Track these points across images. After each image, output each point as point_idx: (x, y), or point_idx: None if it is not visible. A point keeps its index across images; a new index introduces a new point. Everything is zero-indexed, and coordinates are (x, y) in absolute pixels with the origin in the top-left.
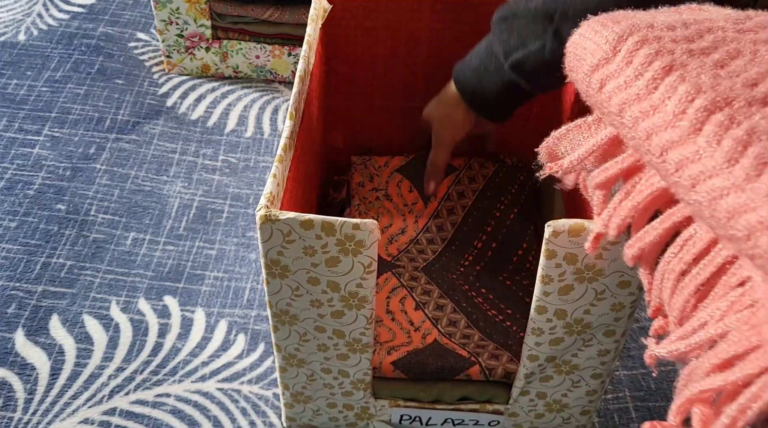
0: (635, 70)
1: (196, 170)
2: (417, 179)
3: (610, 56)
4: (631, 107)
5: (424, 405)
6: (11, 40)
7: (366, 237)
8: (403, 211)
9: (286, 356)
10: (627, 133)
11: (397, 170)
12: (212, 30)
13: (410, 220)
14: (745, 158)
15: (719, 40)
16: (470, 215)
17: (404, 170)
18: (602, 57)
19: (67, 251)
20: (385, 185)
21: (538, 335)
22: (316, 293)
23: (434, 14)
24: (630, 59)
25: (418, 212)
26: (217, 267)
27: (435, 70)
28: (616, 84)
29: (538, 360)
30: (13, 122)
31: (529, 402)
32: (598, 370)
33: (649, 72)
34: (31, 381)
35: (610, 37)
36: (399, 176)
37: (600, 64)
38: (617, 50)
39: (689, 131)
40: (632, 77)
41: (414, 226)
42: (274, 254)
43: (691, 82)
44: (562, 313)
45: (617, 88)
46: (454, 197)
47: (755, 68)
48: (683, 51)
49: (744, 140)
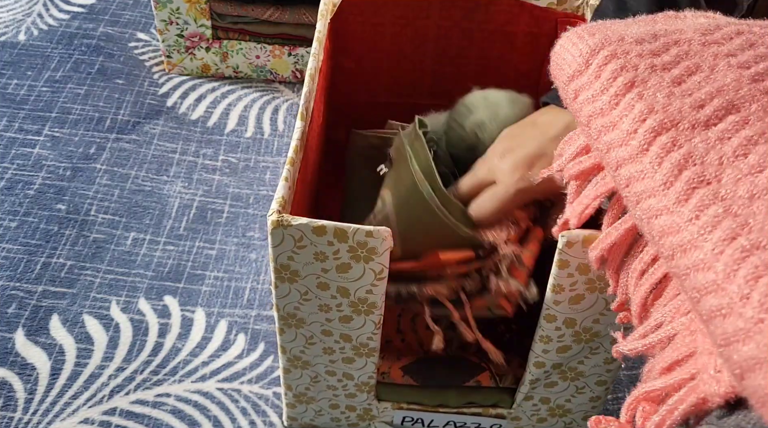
0: (602, 85)
1: (196, 170)
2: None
3: (583, 69)
4: (596, 120)
5: (426, 408)
6: (11, 40)
7: (379, 245)
8: None
9: (291, 358)
10: (593, 143)
11: None
12: (212, 30)
13: None
14: (679, 182)
15: (682, 54)
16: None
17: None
18: (576, 69)
19: (67, 251)
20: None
21: (546, 342)
22: (325, 297)
23: (442, 11)
24: (599, 73)
25: None
26: (217, 267)
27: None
28: (586, 96)
29: (545, 366)
30: (13, 121)
31: (532, 407)
32: (603, 377)
33: (613, 88)
34: (32, 381)
35: (584, 50)
36: None
37: (575, 75)
38: (589, 63)
39: (638, 150)
40: (599, 92)
41: None
42: (284, 259)
43: (646, 102)
44: (571, 322)
45: (587, 101)
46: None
47: (706, 87)
48: (646, 66)
49: (680, 164)
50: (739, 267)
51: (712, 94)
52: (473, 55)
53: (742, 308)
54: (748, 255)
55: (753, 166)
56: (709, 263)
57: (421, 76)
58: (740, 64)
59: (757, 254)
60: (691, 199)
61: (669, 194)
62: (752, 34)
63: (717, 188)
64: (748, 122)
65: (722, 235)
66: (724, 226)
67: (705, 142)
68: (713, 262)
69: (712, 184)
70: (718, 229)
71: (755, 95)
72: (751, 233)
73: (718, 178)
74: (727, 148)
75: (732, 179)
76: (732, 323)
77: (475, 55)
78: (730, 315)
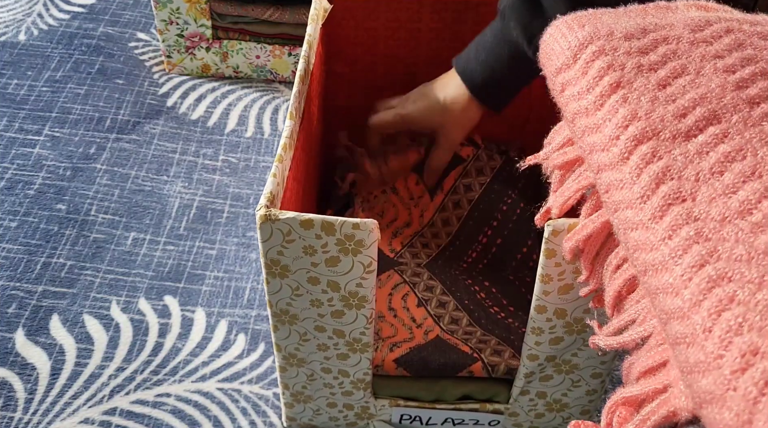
0: (588, 83)
1: (196, 169)
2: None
3: (571, 63)
4: (581, 119)
5: (424, 405)
6: (11, 40)
7: (366, 237)
8: (409, 204)
9: (286, 355)
10: (577, 141)
11: None
12: (212, 30)
13: (416, 213)
14: (656, 197)
15: (670, 53)
16: (476, 209)
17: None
18: (564, 62)
19: (67, 251)
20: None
21: (538, 334)
22: (316, 292)
23: (434, 14)
24: (586, 70)
25: (423, 206)
26: (217, 267)
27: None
28: (572, 92)
29: (538, 359)
30: (13, 121)
31: (529, 402)
32: (597, 369)
33: (599, 87)
34: (32, 381)
35: (573, 43)
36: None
37: (562, 68)
38: (577, 58)
39: (619, 158)
40: (585, 89)
41: (419, 219)
42: (274, 253)
43: (630, 106)
44: (561, 312)
45: (572, 97)
46: (461, 190)
47: (690, 93)
48: (633, 66)
49: (658, 178)
50: (704, 297)
51: (695, 102)
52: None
53: (704, 341)
54: (713, 286)
55: (727, 186)
56: (677, 289)
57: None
58: (726, 67)
59: (722, 287)
60: (666, 216)
61: (645, 209)
62: (741, 33)
63: (691, 207)
64: (727, 136)
65: (691, 261)
66: (693, 251)
67: (684, 155)
68: (681, 288)
69: (687, 201)
70: (688, 254)
71: (738, 105)
72: (719, 262)
73: (693, 196)
74: (705, 164)
75: (706, 198)
76: (694, 353)
77: None
78: (692, 345)
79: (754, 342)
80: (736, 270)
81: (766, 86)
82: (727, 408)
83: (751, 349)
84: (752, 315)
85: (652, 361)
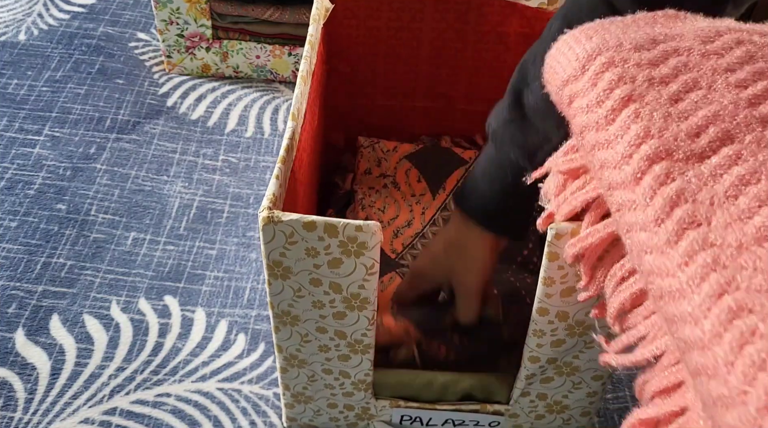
0: (597, 96)
1: (196, 169)
2: (426, 169)
3: (579, 74)
4: (590, 134)
5: (424, 406)
6: (11, 40)
7: (369, 239)
8: (411, 202)
9: (287, 356)
10: (585, 155)
11: (406, 157)
12: (212, 30)
13: (417, 211)
14: (670, 221)
15: (681, 66)
16: None
17: (414, 158)
18: (572, 74)
19: (67, 251)
20: (393, 172)
21: (540, 336)
22: (318, 294)
23: (436, 14)
24: (595, 81)
25: (425, 203)
26: (217, 267)
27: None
28: (581, 104)
29: (540, 361)
30: (13, 121)
31: (530, 403)
32: (599, 372)
33: (610, 101)
34: (32, 381)
35: (581, 55)
36: (408, 164)
37: (570, 80)
38: (585, 69)
39: (631, 178)
40: (594, 102)
41: (421, 218)
42: (277, 255)
43: (643, 123)
44: (564, 315)
45: (581, 110)
46: None
47: (703, 110)
48: (644, 78)
49: (673, 201)
50: (725, 330)
51: (708, 120)
52: (468, 56)
53: (727, 374)
54: (734, 318)
55: (743, 211)
56: (697, 319)
57: (417, 78)
58: (738, 82)
59: (743, 319)
60: (682, 241)
61: (660, 233)
62: (752, 44)
63: (707, 232)
64: (741, 157)
65: (710, 290)
66: (712, 280)
67: (698, 177)
68: (701, 318)
69: (702, 226)
70: (706, 282)
71: (750, 124)
72: (738, 292)
73: (708, 220)
74: (719, 187)
75: (722, 223)
76: (716, 387)
77: (469, 56)
78: (714, 378)
79: None
80: (757, 302)
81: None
82: None
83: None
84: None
85: (667, 382)
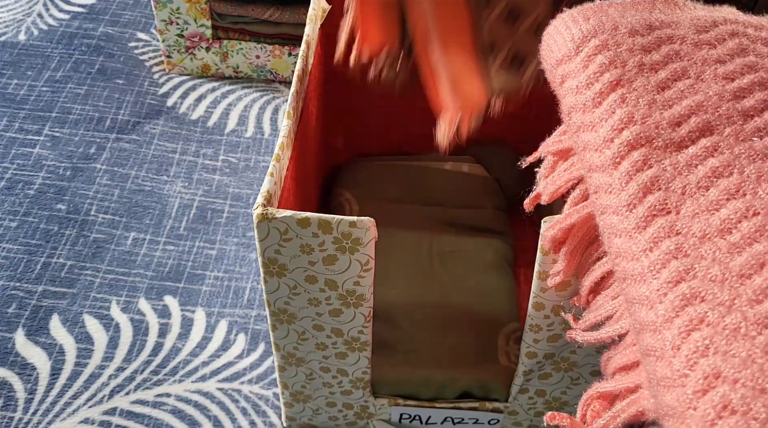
0: (587, 78)
1: (196, 169)
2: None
3: (573, 55)
4: (577, 115)
5: (423, 404)
6: (11, 40)
7: (363, 235)
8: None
9: (284, 355)
10: (571, 136)
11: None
12: (212, 30)
13: None
14: (642, 206)
15: (672, 54)
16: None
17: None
18: (566, 54)
19: (67, 251)
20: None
21: (536, 331)
22: (313, 291)
23: None
24: (587, 63)
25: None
26: (217, 267)
27: None
28: (571, 85)
29: (537, 356)
30: (13, 121)
31: (529, 400)
32: (597, 367)
33: (598, 83)
34: (32, 381)
35: (576, 36)
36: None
37: (563, 59)
38: (579, 50)
39: (610, 162)
40: (584, 84)
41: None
42: (272, 252)
43: (627, 109)
44: (559, 310)
45: (571, 90)
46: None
47: (688, 100)
48: (635, 64)
49: (646, 187)
50: (677, 315)
51: (691, 110)
52: None
53: (672, 357)
54: (686, 304)
55: (711, 202)
56: (653, 303)
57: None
58: (726, 74)
59: (694, 306)
60: (649, 227)
61: (630, 217)
62: (746, 38)
63: (674, 220)
64: (717, 149)
65: (668, 276)
66: (672, 267)
67: (674, 166)
68: (656, 303)
69: (671, 214)
70: (666, 268)
71: (731, 116)
72: (694, 280)
73: (677, 209)
74: (693, 177)
75: (690, 212)
76: (661, 368)
77: None
78: (661, 360)
79: (717, 366)
80: (710, 291)
81: (762, 98)
82: (686, 425)
83: (714, 372)
84: (719, 339)
85: (626, 359)
